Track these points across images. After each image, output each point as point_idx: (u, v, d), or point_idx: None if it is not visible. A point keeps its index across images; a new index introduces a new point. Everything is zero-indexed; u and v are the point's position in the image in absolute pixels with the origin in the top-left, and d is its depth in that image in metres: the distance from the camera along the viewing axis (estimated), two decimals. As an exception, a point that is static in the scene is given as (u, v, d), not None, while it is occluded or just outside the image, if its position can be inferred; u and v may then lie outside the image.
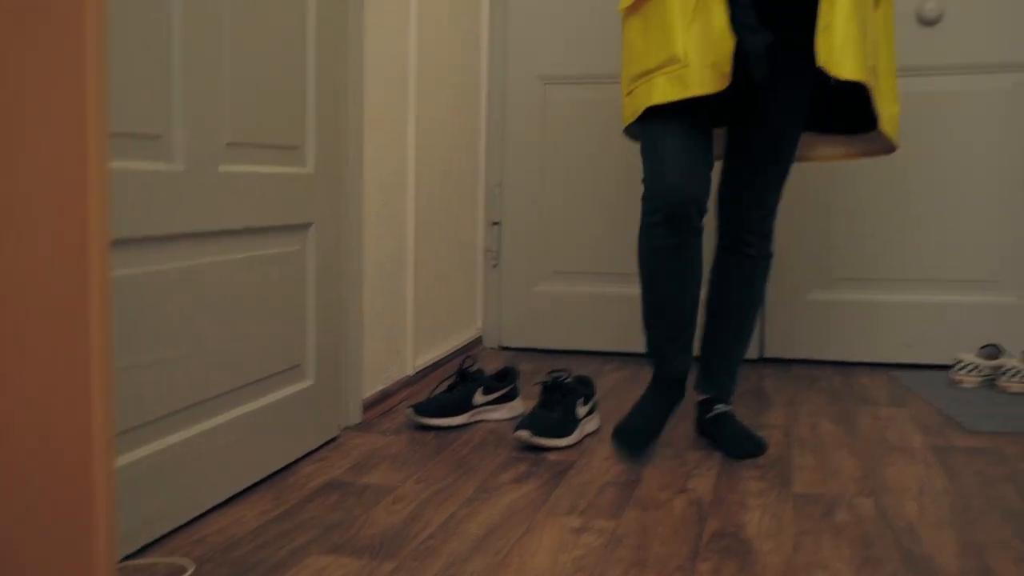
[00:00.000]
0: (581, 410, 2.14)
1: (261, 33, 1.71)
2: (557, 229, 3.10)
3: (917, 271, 2.89)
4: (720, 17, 1.71)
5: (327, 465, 1.90)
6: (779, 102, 1.90)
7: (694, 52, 1.72)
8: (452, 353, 2.87)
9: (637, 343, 3.04)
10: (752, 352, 2.98)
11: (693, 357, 2.00)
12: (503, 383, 2.30)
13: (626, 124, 1.89)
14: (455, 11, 2.78)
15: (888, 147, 1.93)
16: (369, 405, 2.26)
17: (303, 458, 1.94)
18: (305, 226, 1.91)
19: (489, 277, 3.16)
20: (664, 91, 1.76)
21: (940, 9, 2.78)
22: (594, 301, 3.09)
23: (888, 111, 1.81)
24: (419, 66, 2.50)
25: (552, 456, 2.00)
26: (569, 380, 2.16)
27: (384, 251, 2.33)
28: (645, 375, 2.80)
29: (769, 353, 3.00)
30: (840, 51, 1.64)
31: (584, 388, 2.18)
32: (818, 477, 1.88)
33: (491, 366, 2.91)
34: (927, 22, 2.80)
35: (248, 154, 1.69)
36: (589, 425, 2.17)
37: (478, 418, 2.26)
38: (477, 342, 3.12)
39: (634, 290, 3.04)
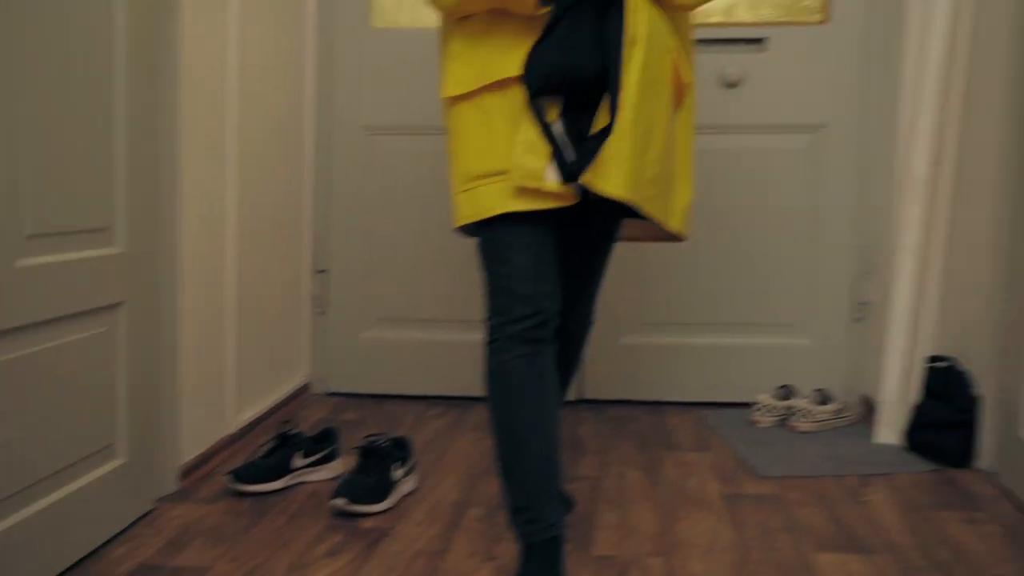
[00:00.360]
0: (397, 472, 2.20)
1: (64, 117, 1.70)
2: (384, 276, 3.15)
3: (721, 315, 3.08)
4: (529, 129, 1.61)
5: (138, 545, 1.90)
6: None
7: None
8: (279, 404, 2.89)
9: (460, 387, 3.13)
10: (571, 394, 3.12)
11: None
12: (322, 445, 2.35)
13: (462, 223, 1.71)
14: (278, 64, 2.80)
15: (675, 238, 1.89)
16: (189, 470, 2.26)
17: (115, 538, 1.93)
18: (115, 306, 1.90)
19: (316, 324, 3.18)
20: (519, 199, 1.62)
21: (741, 74, 2.98)
22: (420, 346, 3.16)
23: (680, 203, 1.79)
24: (240, 122, 2.51)
25: (367, 523, 2.06)
26: (385, 444, 2.22)
27: (203, 313, 2.33)
28: (467, 420, 2.89)
29: (588, 395, 3.15)
30: (606, 166, 1.57)
31: (400, 451, 2.25)
32: (618, 536, 2.00)
33: (317, 414, 2.95)
34: (729, 84, 2.99)
35: (51, 244, 1.68)
36: (406, 486, 2.24)
37: (298, 480, 2.29)
38: (304, 389, 3.15)
39: (458, 335, 3.13)
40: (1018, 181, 2.23)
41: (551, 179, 1.59)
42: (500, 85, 1.65)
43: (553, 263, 1.69)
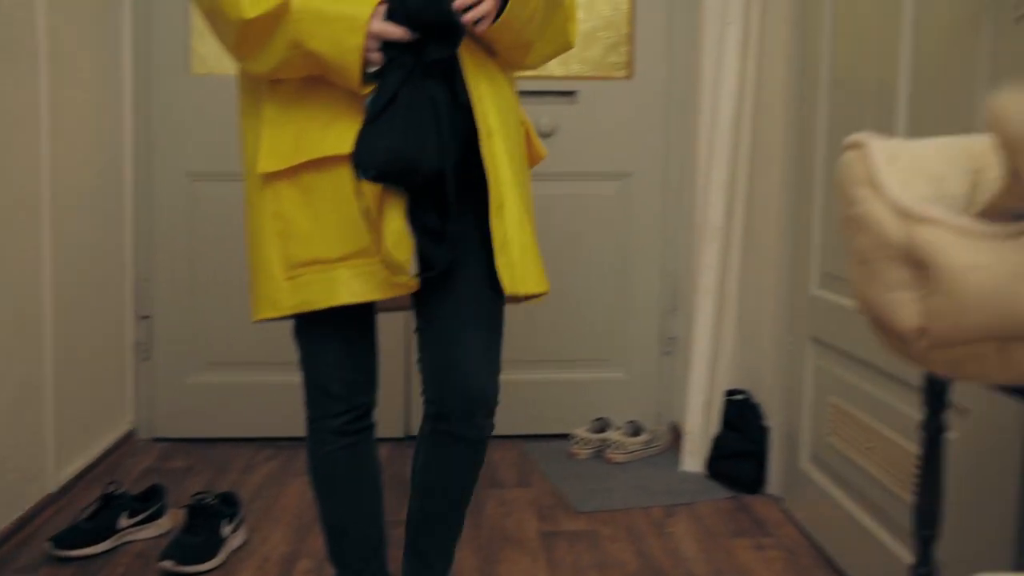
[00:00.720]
0: (226, 529, 2.24)
1: None
2: (210, 321, 3.16)
3: (540, 351, 3.25)
4: (396, 219, 1.49)
5: (-45, 625, 1.88)
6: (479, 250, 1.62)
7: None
8: (104, 454, 2.86)
9: (291, 428, 3.17)
10: (398, 431, 3.21)
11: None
12: (148, 504, 2.35)
13: (281, 315, 1.56)
14: (94, 112, 2.78)
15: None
16: (5, 538, 2.22)
17: (-71, 618, 1.89)
18: (-76, 382, 1.88)
19: (140, 371, 3.16)
20: (353, 289, 1.51)
21: (554, 124, 3.15)
22: (249, 389, 3.19)
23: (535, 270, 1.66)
24: (54, 171, 2.48)
25: (196, 584, 2.09)
26: (212, 501, 2.26)
27: (18, 372, 2.30)
28: (297, 462, 2.94)
29: (416, 432, 3.24)
30: (521, 267, 1.55)
31: (229, 508, 2.29)
32: (440, 582, 2.11)
33: (144, 463, 2.93)
34: (543, 135, 3.16)
35: None
36: (235, 541, 2.28)
37: (124, 540, 2.29)
38: (130, 436, 3.12)
39: (287, 377, 3.16)
40: (796, 233, 2.48)
41: (412, 271, 1.50)
42: (319, 164, 1.51)
43: (371, 350, 1.68)
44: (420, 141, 1.45)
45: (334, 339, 1.63)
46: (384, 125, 1.44)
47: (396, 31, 1.45)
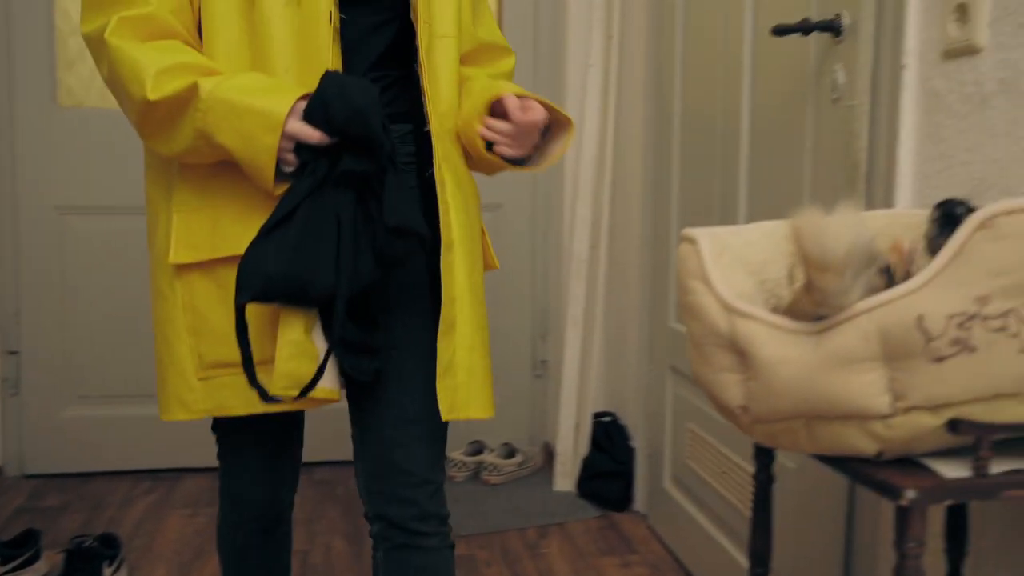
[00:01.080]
0: (107, 571, 2.26)
1: None
2: (82, 355, 3.13)
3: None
4: (295, 328, 1.34)
5: None
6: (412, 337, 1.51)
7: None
8: (-30, 496, 2.81)
9: (168, 459, 3.18)
10: (279, 459, 3.25)
11: None
12: (23, 549, 2.34)
13: (192, 418, 1.41)
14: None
15: None
16: None
17: None
18: None
19: (8, 407, 3.11)
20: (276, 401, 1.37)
21: (426, 156, 3.25)
22: (124, 422, 3.17)
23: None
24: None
25: (76, 629, 2.11)
26: (92, 544, 2.27)
27: None
28: (176, 494, 2.95)
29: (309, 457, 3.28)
30: (465, 391, 1.43)
31: (109, 550, 2.30)
32: (323, 615, 2.19)
33: (15, 501, 2.89)
34: (416, 166, 3.25)
35: None
36: (116, 582, 2.30)
37: (-1, 587, 2.28)
38: (-1, 475, 3.07)
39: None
40: (655, 267, 2.65)
41: (327, 385, 1.35)
42: (236, 259, 1.37)
43: (295, 447, 1.59)
44: (312, 264, 1.29)
45: (255, 446, 1.52)
46: (273, 245, 1.30)
47: (313, 134, 1.29)
